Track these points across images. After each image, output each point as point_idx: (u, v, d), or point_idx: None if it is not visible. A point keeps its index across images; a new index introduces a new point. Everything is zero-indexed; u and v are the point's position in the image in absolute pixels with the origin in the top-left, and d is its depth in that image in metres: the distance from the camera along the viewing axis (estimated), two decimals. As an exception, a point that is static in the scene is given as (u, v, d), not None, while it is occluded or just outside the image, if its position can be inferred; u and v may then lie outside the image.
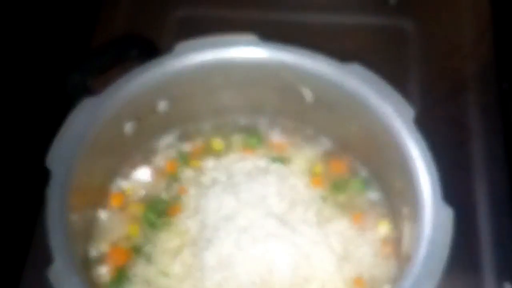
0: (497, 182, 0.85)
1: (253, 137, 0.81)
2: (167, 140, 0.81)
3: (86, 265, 0.71)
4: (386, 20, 1.00)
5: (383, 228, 0.75)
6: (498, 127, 0.90)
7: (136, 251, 0.74)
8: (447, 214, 0.63)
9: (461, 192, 0.84)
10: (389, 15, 1.01)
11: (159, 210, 0.76)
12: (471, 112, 0.91)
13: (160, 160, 0.80)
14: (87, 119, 0.68)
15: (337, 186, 0.78)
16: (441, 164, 0.67)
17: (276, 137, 0.81)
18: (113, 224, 0.75)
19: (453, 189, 0.80)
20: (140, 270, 0.73)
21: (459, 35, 0.98)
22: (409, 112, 0.69)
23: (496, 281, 0.79)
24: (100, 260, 0.73)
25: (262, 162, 0.78)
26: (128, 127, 0.73)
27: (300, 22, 1.00)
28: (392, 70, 0.93)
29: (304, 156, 0.80)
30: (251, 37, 0.73)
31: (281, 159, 0.79)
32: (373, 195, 0.77)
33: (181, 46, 0.73)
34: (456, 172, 0.85)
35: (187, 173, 0.79)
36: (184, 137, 0.81)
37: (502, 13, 0.99)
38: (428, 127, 0.87)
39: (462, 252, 0.78)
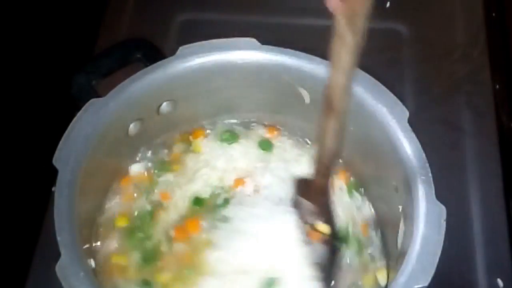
0: (490, 182, 0.86)
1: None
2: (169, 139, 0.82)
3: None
4: (381, 24, 0.99)
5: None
6: (490, 128, 0.90)
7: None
8: (440, 211, 0.64)
9: (454, 191, 0.85)
10: (384, 19, 1.01)
11: None
12: (464, 113, 0.92)
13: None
14: (93, 120, 0.69)
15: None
16: (434, 164, 0.68)
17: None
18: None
19: (447, 188, 0.81)
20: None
21: (453, 38, 0.99)
22: (404, 112, 0.70)
23: (489, 277, 0.79)
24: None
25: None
26: (132, 128, 0.74)
27: (299, 25, 1.00)
28: (386, 72, 0.93)
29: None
30: (251, 40, 0.75)
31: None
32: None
33: (183, 49, 0.74)
34: (450, 171, 0.86)
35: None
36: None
37: (495, 16, 1.01)
38: (422, 128, 0.88)
39: (456, 249, 0.79)
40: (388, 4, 1.03)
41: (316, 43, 0.98)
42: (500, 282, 0.79)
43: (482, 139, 0.90)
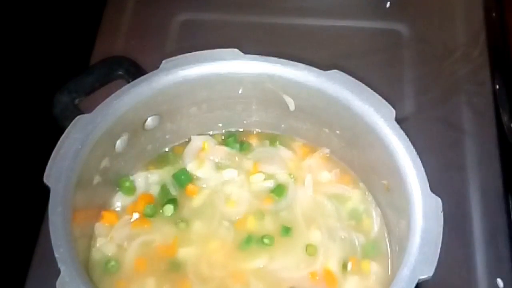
0: (490, 181, 0.86)
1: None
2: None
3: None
4: (382, 24, 1.01)
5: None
6: (490, 128, 0.90)
7: None
8: (436, 203, 0.65)
9: (454, 190, 0.85)
10: (384, 19, 1.02)
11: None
12: (464, 113, 0.92)
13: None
14: (82, 136, 0.68)
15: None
16: (434, 164, 0.69)
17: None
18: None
19: (447, 187, 0.82)
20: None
21: (453, 38, 0.99)
22: (390, 111, 0.70)
23: (489, 277, 0.79)
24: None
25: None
26: (119, 144, 0.74)
27: (299, 26, 1.01)
28: (387, 73, 0.95)
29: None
30: (233, 50, 0.74)
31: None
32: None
33: (166, 62, 0.74)
34: (449, 171, 0.86)
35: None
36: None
37: (495, 16, 1.01)
38: (422, 127, 0.89)
39: (456, 248, 0.80)
40: (388, 4, 1.03)
41: (316, 43, 1.00)
42: (500, 282, 0.79)
43: (482, 139, 0.90)
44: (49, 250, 0.62)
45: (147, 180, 0.78)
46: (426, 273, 0.61)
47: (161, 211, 0.76)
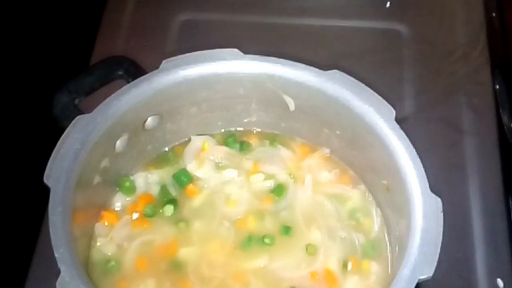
0: (489, 182, 0.86)
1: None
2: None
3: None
4: (382, 24, 1.01)
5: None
6: (490, 128, 0.90)
7: None
8: (436, 203, 0.65)
9: (454, 191, 0.85)
10: (385, 19, 1.02)
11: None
12: (464, 113, 0.92)
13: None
14: (82, 135, 0.69)
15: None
16: (434, 164, 0.69)
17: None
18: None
19: (447, 187, 0.82)
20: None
21: (453, 38, 0.99)
22: (390, 111, 0.70)
23: (489, 277, 0.79)
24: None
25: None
26: (119, 144, 0.74)
27: (300, 25, 1.01)
28: (387, 72, 0.95)
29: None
30: (233, 50, 0.74)
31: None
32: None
33: (166, 63, 0.74)
34: (449, 171, 0.86)
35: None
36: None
37: (495, 16, 1.01)
38: (422, 127, 0.89)
39: (456, 248, 0.80)
40: (388, 4, 1.04)
41: (316, 43, 1.00)
42: (500, 282, 0.79)
43: (482, 139, 0.90)
44: (49, 250, 0.62)
45: (147, 180, 0.78)
46: (426, 273, 0.61)
47: (161, 211, 0.76)
